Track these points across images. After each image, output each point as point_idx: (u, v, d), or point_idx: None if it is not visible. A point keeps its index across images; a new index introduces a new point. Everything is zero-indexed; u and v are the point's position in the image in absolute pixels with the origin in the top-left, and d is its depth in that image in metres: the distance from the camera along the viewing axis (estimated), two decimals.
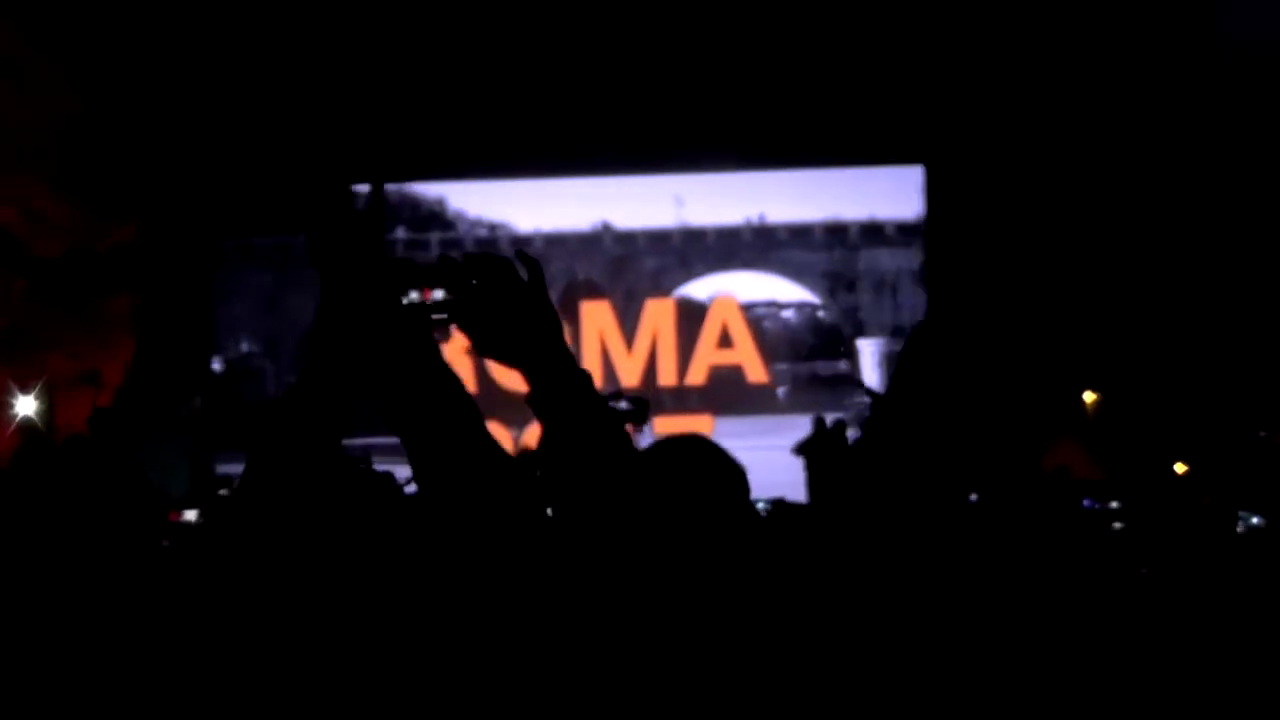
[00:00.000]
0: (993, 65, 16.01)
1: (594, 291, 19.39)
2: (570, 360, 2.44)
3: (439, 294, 2.47)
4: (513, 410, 17.82)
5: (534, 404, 2.40)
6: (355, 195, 17.88)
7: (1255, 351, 15.49)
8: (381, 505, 3.11)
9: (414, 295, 2.45)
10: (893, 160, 17.95)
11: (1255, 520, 10.50)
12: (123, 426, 15.43)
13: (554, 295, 2.58)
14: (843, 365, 19.67)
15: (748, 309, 19.85)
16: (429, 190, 19.67)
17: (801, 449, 13.40)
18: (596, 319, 18.91)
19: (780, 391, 19.68)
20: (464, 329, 2.44)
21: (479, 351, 2.45)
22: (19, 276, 16.36)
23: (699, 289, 19.83)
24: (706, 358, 18.96)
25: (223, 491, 12.68)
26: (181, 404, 18.31)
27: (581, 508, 2.34)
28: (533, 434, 16.45)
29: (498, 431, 17.36)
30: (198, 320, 17.99)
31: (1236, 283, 15.67)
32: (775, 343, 20.08)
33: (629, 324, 19.07)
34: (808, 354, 19.90)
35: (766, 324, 20.42)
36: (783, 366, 19.86)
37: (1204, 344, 15.67)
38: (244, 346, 19.17)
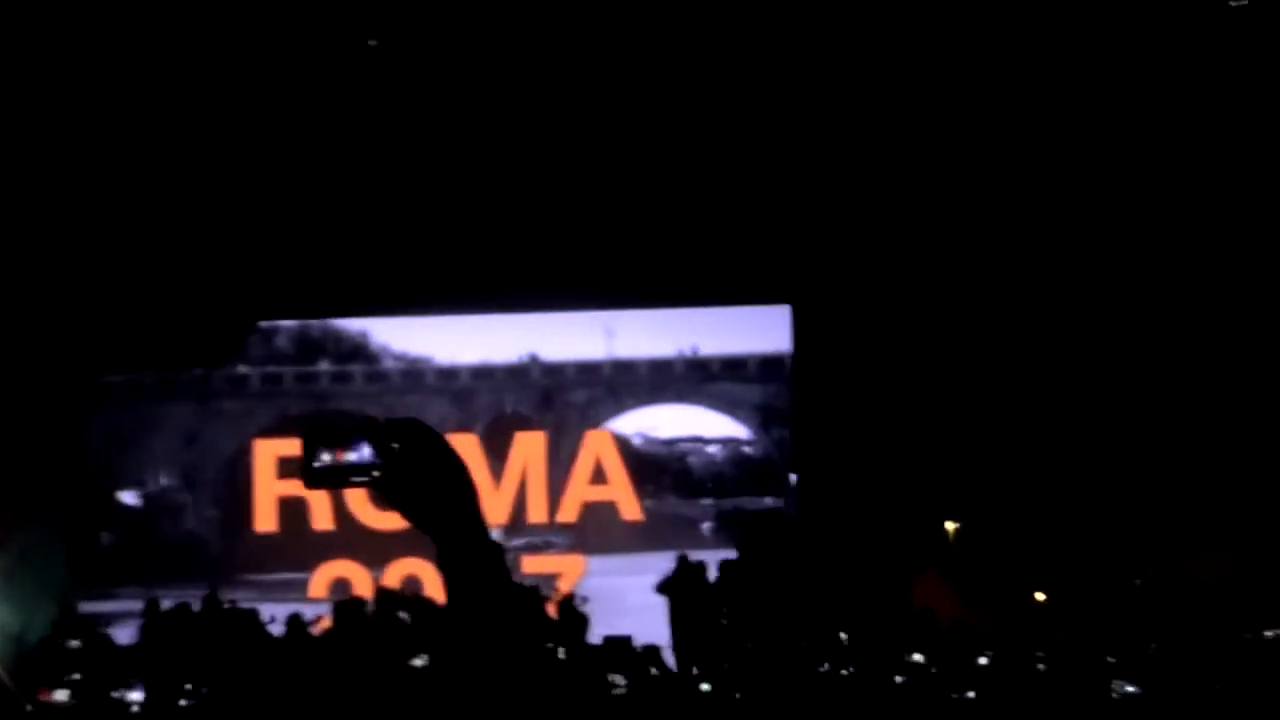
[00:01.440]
0: (858, 205, 16.30)
1: (524, 424, 19.12)
2: (483, 531, 2.44)
3: (356, 455, 2.45)
4: (372, 550, 17.79)
5: (443, 568, 2.43)
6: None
7: (1125, 485, 15.67)
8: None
9: (326, 458, 2.45)
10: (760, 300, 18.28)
11: (1130, 689, 10.57)
12: None
13: (480, 428, 2.51)
14: (769, 501, 19.49)
15: (670, 444, 19.69)
16: (351, 324, 19.35)
17: (663, 587, 13.25)
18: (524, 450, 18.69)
19: (705, 527, 19.47)
20: (382, 491, 2.46)
21: (399, 512, 2.47)
22: None
23: (627, 423, 19.61)
24: (579, 494, 18.87)
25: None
26: (90, 536, 17.97)
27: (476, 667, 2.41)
28: (393, 574, 16.51)
29: (356, 571, 17.38)
30: (66, 455, 17.73)
31: (1108, 413, 15.92)
32: (701, 478, 19.93)
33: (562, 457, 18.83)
34: (733, 489, 19.72)
35: (691, 459, 20.28)
36: (708, 502, 19.67)
37: (1068, 476, 15.88)
38: (161, 480, 18.63)
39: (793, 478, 18.85)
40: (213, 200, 16.45)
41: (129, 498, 18.56)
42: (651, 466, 19.58)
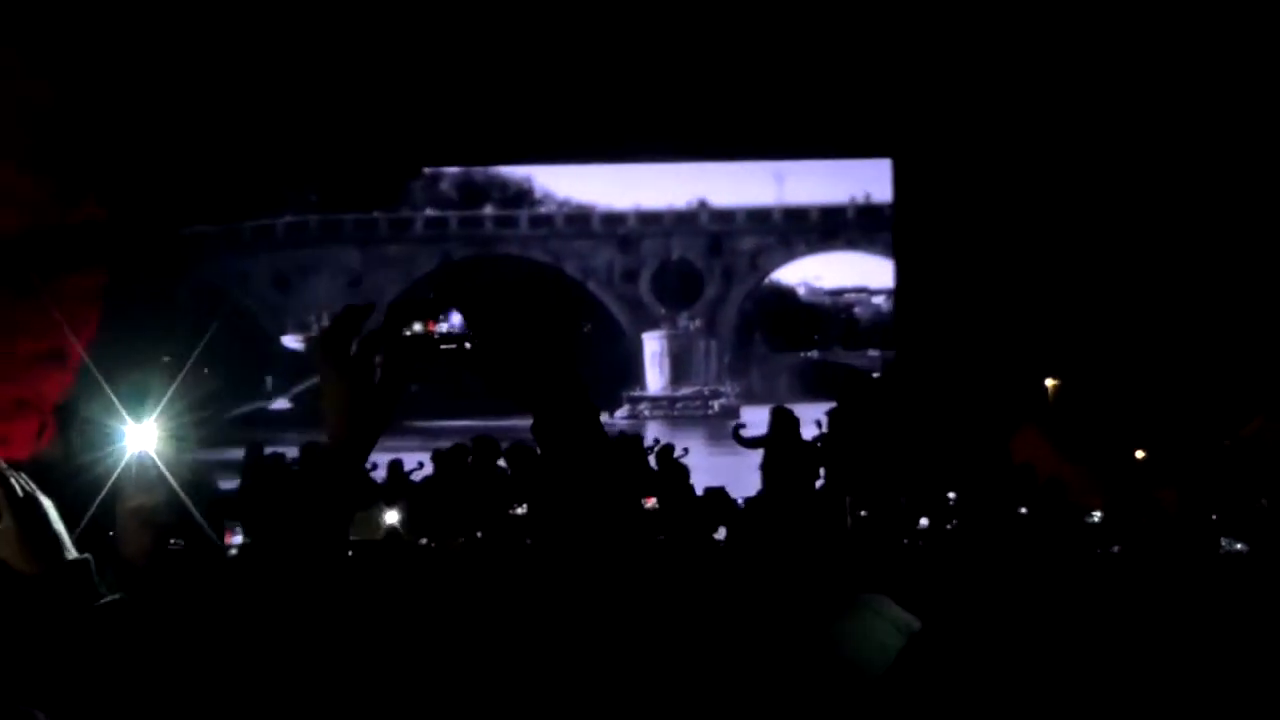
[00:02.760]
0: (968, 66, 15.50)
1: (690, 270, 18.68)
2: (580, 400, 2.37)
3: (445, 325, 2.42)
4: None
5: (537, 435, 2.38)
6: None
7: (1223, 345, 15.18)
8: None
9: (417, 327, 2.39)
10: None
11: (1238, 546, 10.23)
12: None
13: (646, 273, 2.16)
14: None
15: (837, 293, 19.22)
16: (515, 171, 18.94)
17: (756, 441, 13.02)
18: None
19: (874, 378, 19.02)
20: (472, 361, 2.39)
21: (489, 390, 2.39)
22: None
23: (792, 272, 19.13)
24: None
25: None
26: (256, 381, 17.98)
27: (572, 540, 2.39)
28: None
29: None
30: (164, 300, 17.23)
31: (1208, 277, 15.35)
32: (867, 328, 19.47)
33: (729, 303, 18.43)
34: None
35: (858, 310, 19.81)
36: (874, 353, 19.20)
37: (1171, 334, 15.46)
38: (325, 324, 18.49)
39: None
40: (375, 44, 16.05)
41: (291, 341, 18.43)
42: (817, 316, 19.10)
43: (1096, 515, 11.64)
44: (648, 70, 15.85)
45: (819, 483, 12.74)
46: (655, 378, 18.80)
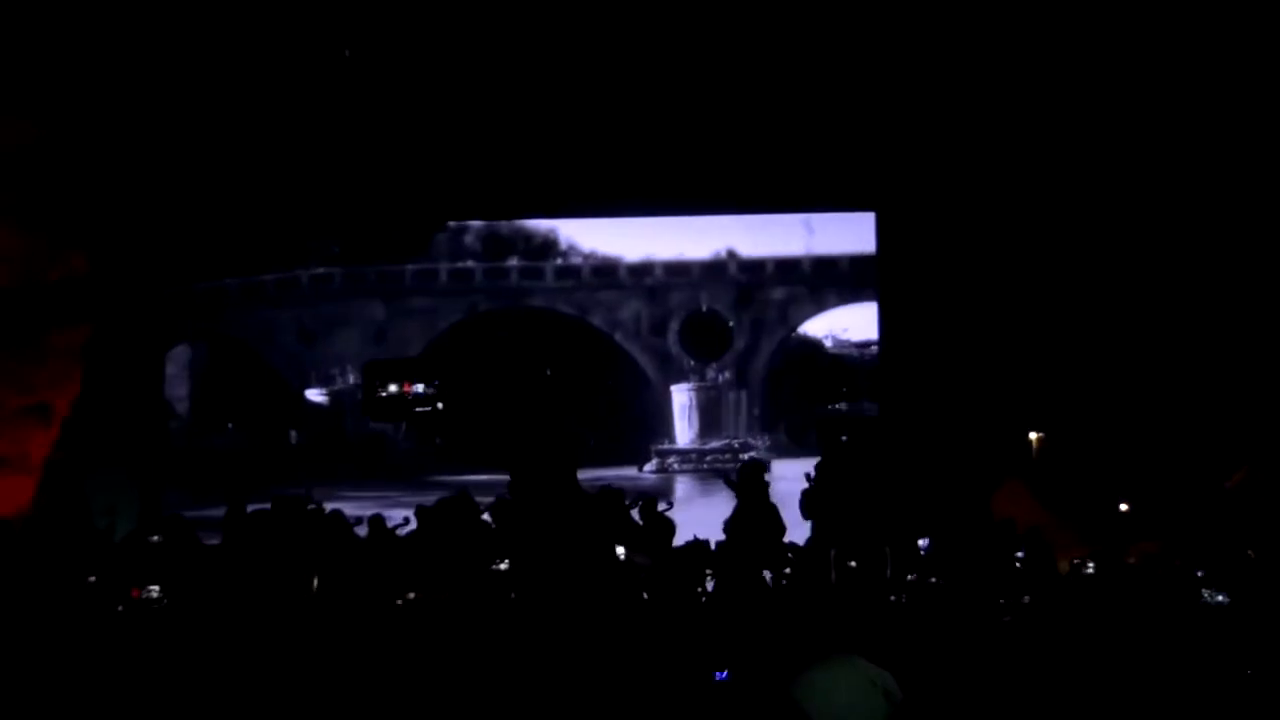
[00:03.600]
0: (952, 122, 15.73)
1: (719, 322, 18.42)
2: (552, 458, 3.14)
3: (420, 387, 3.60)
4: None
5: (512, 491, 3.33)
6: None
7: (1206, 398, 15.22)
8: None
9: (393, 388, 3.81)
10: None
11: (1220, 598, 10.28)
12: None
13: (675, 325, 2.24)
14: None
15: (864, 346, 18.94)
16: (540, 224, 18.77)
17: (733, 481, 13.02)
18: None
19: None
20: (444, 421, 3.58)
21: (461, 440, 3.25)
22: None
23: (818, 325, 18.89)
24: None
25: None
26: (278, 435, 17.80)
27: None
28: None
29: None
30: (148, 355, 17.24)
31: (1190, 332, 15.43)
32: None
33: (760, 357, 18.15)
34: None
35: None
36: None
37: (1154, 387, 15.51)
38: (349, 378, 18.26)
39: None
40: (398, 95, 15.97)
41: (316, 395, 18.19)
42: (844, 368, 18.83)
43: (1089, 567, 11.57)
44: (643, 128, 15.68)
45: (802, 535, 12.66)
46: (684, 430, 18.53)
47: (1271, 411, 14.88)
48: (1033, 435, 16.56)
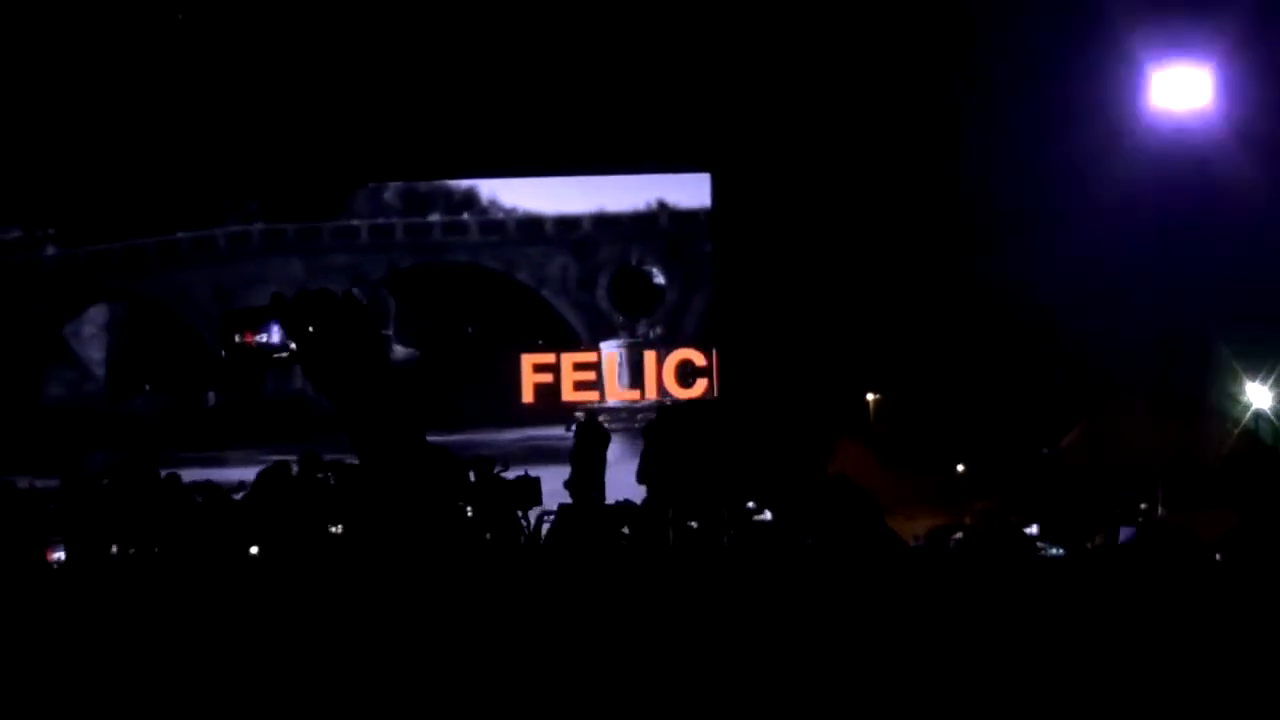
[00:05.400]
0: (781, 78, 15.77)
1: (649, 279, 18.06)
2: (393, 402, 2.49)
3: (267, 335, 2.57)
4: None
5: (352, 439, 2.49)
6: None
7: (1038, 358, 15.59)
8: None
9: (239, 339, 2.59)
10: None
11: (1054, 551, 10.59)
12: None
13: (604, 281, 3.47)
14: None
15: None
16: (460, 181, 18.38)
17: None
18: None
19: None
20: (302, 367, 2.54)
21: (314, 385, 2.52)
22: None
23: None
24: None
25: None
26: (196, 396, 17.50)
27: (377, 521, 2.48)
28: None
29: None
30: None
31: (1022, 291, 15.43)
32: None
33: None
34: None
35: None
36: None
37: (989, 348, 15.80)
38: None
39: None
40: (313, 54, 15.75)
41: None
42: None
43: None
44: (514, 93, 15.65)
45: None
46: (614, 388, 18.15)
47: (1102, 369, 15.32)
48: (870, 396, 17.02)
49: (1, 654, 5.96)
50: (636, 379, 18.03)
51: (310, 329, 2.51)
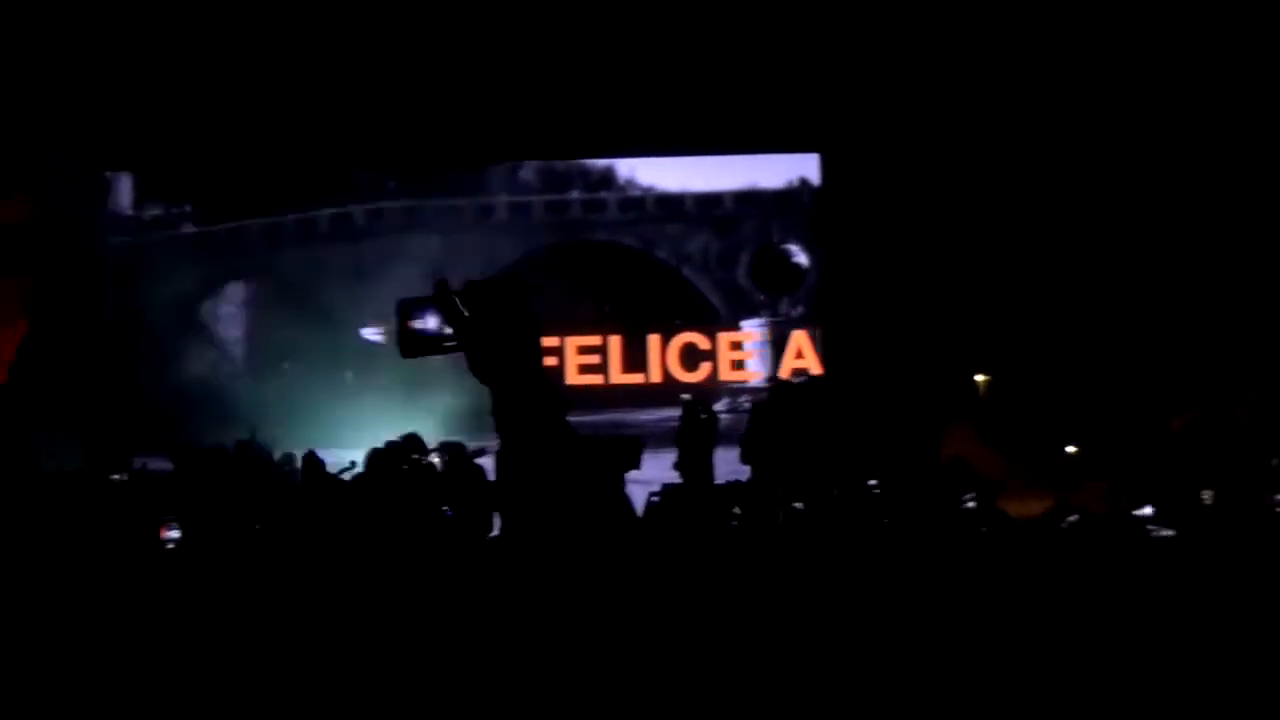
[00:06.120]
0: (889, 60, 15.86)
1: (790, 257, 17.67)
2: (540, 384, 2.52)
3: (420, 324, 2.63)
4: None
5: (495, 419, 2.54)
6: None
7: (1152, 339, 15.51)
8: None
9: (420, 325, 2.64)
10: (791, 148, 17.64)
11: (1167, 532, 10.56)
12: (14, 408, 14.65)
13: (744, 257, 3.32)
14: None
15: None
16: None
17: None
18: None
19: None
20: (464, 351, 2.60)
21: (472, 371, 2.60)
22: None
23: None
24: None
25: None
26: (334, 376, 17.41)
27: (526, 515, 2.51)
28: None
29: None
30: (91, 301, 17.10)
31: (1138, 272, 15.68)
32: None
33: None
34: None
35: None
36: None
37: (1101, 329, 15.78)
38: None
39: None
40: (453, 32, 15.76)
41: (371, 333, 17.67)
42: None
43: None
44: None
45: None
46: (755, 367, 17.81)
47: (1215, 352, 14.85)
48: (979, 377, 16.82)
49: (115, 631, 5.86)
50: (778, 360, 17.68)
51: (466, 316, 2.54)
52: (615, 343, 17.61)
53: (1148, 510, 11.07)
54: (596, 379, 17.50)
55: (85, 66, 15.45)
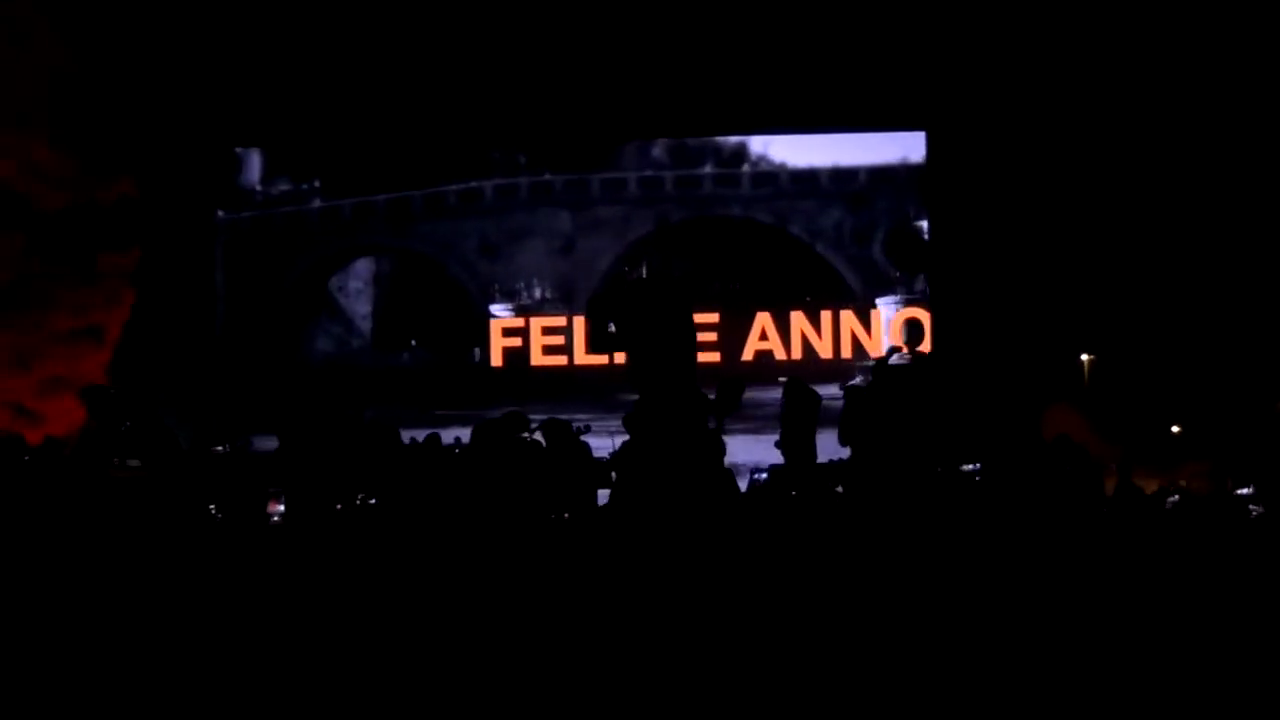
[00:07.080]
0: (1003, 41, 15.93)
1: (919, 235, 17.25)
2: (685, 390, 2.83)
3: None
4: None
5: (628, 421, 3.00)
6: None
7: (1257, 323, 15.48)
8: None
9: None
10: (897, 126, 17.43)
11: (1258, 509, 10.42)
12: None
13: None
14: None
15: None
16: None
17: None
18: None
19: None
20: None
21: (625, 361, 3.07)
22: (19, 232, 15.78)
23: None
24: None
25: None
26: (462, 353, 17.31)
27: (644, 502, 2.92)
28: None
29: None
30: (199, 276, 17.40)
31: (1244, 256, 15.60)
32: None
33: None
34: None
35: None
36: None
37: (1205, 311, 15.68)
38: (535, 292, 17.54)
39: None
40: (582, 12, 15.91)
41: (501, 310, 17.50)
42: None
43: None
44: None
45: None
46: (889, 343, 17.37)
47: None
48: (1084, 357, 17.02)
49: (220, 605, 5.76)
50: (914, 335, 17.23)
51: (611, 326, 2.73)
52: (754, 320, 17.37)
53: (1248, 490, 11.03)
54: (714, 356, 17.24)
55: (217, 44, 15.48)
